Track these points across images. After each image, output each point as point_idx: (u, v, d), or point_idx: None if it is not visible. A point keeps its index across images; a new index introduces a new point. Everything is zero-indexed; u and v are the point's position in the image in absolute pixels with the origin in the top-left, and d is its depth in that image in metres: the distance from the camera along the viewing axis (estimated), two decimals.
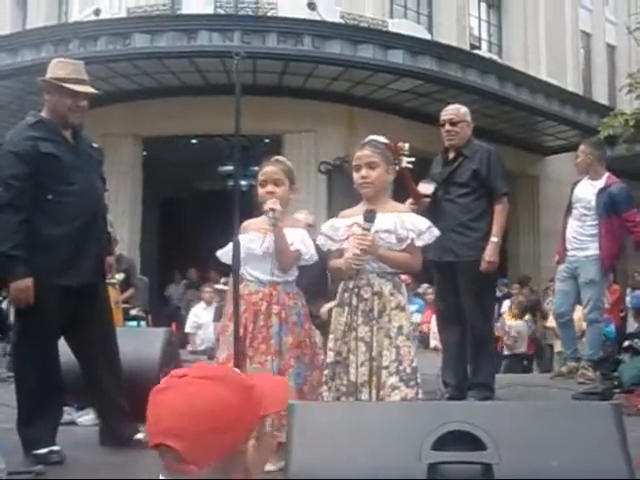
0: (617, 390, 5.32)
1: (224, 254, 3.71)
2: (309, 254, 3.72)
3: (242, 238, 3.67)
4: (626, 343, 6.24)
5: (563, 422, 1.77)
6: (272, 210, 3.59)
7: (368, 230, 3.32)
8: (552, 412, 1.86)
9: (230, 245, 3.61)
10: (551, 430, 1.73)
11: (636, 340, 6.01)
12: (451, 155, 5.28)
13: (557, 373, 6.86)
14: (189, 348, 10.99)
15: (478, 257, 5.02)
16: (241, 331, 3.63)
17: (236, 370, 1.37)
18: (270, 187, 3.73)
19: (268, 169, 3.80)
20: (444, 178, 5.20)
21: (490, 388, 5.16)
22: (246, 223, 3.79)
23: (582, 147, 6.60)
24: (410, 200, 4.89)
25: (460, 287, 5.12)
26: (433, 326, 9.24)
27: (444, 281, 5.28)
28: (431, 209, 5.08)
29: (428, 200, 5.08)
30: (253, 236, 3.71)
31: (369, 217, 3.34)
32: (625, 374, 5.46)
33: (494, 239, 5.04)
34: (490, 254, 5.01)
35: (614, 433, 1.71)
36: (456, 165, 5.20)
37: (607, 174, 6.41)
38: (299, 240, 3.70)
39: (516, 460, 1.67)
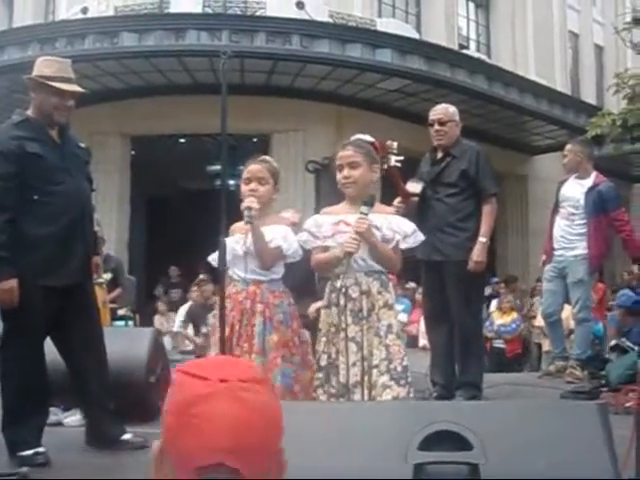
0: (604, 389, 5.34)
1: (214, 259, 3.74)
2: (291, 250, 3.70)
3: (229, 240, 3.71)
4: (613, 342, 6.27)
5: (549, 422, 1.77)
6: (248, 209, 3.59)
7: (366, 214, 3.33)
8: (538, 412, 1.86)
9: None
10: (537, 430, 1.73)
11: (623, 339, 6.03)
12: (439, 155, 5.27)
13: (545, 372, 6.88)
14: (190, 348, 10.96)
15: (466, 257, 5.02)
16: (227, 331, 3.64)
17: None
18: (253, 185, 3.74)
19: (253, 167, 3.81)
20: (432, 178, 5.19)
21: (478, 387, 5.17)
22: (233, 226, 3.81)
23: (570, 146, 6.60)
24: (398, 199, 4.90)
25: (448, 286, 5.12)
26: (422, 325, 9.23)
27: (431, 280, 5.28)
28: (419, 208, 5.10)
29: (416, 199, 5.09)
30: (237, 237, 3.74)
31: (368, 202, 3.35)
32: (612, 373, 5.48)
33: (482, 239, 5.04)
34: (478, 254, 5.01)
35: (600, 433, 1.71)
36: (444, 165, 5.19)
37: (595, 173, 6.42)
38: (280, 236, 3.69)
39: (502, 460, 1.67)
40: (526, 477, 1.65)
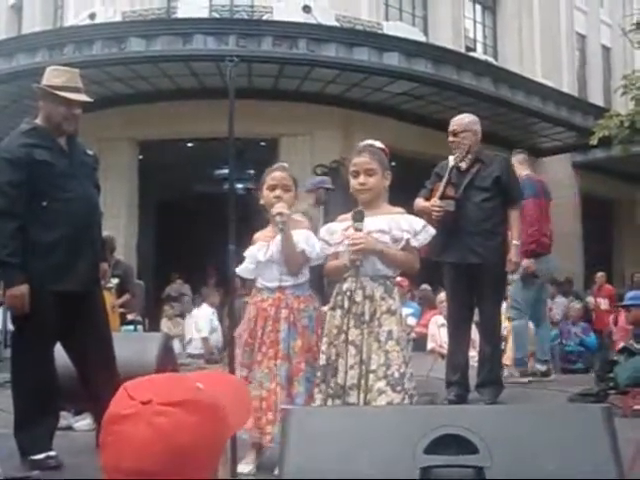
0: (612, 391, 5.34)
1: (242, 270, 3.79)
2: (314, 253, 3.70)
3: (251, 249, 3.77)
4: (621, 344, 6.27)
5: (553, 425, 1.78)
6: (280, 214, 3.60)
7: (360, 230, 3.34)
8: (542, 415, 1.87)
9: (246, 261, 3.69)
10: (541, 433, 1.74)
11: (631, 342, 6.02)
12: (466, 161, 5.36)
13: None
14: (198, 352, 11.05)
15: (500, 260, 5.31)
16: (245, 336, 3.67)
17: (199, 385, 1.15)
18: (278, 192, 3.76)
19: (278, 174, 3.82)
20: (466, 183, 5.30)
21: (502, 384, 5.48)
22: (256, 235, 3.85)
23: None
24: (435, 199, 5.16)
25: (481, 287, 5.31)
26: (431, 328, 9.23)
27: (460, 282, 5.40)
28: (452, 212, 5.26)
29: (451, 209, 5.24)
30: (260, 245, 3.76)
31: (358, 217, 3.36)
32: (621, 375, 5.48)
33: (516, 242, 5.39)
34: (516, 255, 5.38)
35: (604, 436, 1.72)
36: (475, 171, 5.32)
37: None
38: (302, 240, 3.71)
39: (508, 463, 1.69)
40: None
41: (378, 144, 3.64)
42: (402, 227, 3.43)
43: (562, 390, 5.78)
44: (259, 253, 3.74)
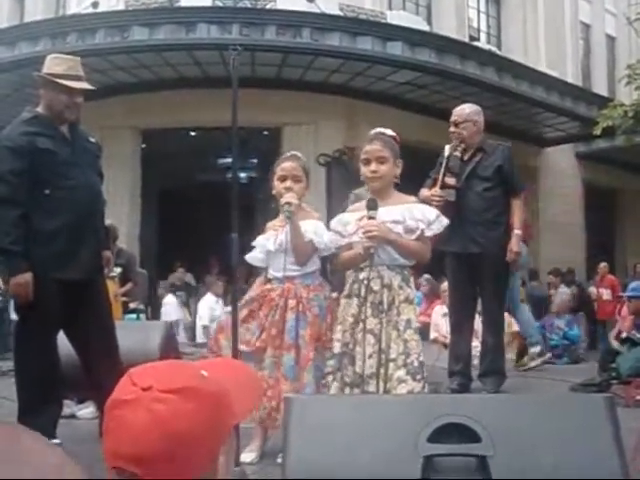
0: (615, 381, 5.35)
1: (251, 257, 3.80)
2: (323, 243, 3.70)
3: (260, 239, 3.77)
4: (624, 335, 6.28)
5: (556, 415, 1.79)
6: (288, 204, 3.60)
7: (374, 218, 3.34)
8: (545, 405, 1.87)
9: (256, 249, 3.69)
10: (544, 423, 1.75)
11: (633, 332, 6.02)
12: (468, 151, 5.35)
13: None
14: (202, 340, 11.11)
15: (501, 250, 5.28)
16: (245, 313, 3.68)
17: (204, 373, 1.15)
18: (289, 183, 3.76)
19: (288, 165, 3.82)
20: (468, 172, 5.30)
21: (505, 374, 5.47)
22: (269, 224, 3.87)
23: None
24: (436, 188, 5.16)
25: (482, 277, 5.32)
26: (434, 318, 9.25)
27: (462, 272, 5.41)
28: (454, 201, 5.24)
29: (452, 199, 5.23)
30: (268, 235, 3.77)
31: (372, 205, 3.37)
32: (623, 365, 5.49)
33: (517, 232, 5.33)
34: (516, 245, 5.29)
35: (606, 425, 1.72)
36: (478, 159, 5.33)
37: None
38: (311, 231, 3.71)
39: (510, 452, 1.69)
40: (533, 469, 1.67)
41: (389, 132, 3.65)
42: (416, 217, 3.44)
43: (564, 380, 5.79)
44: (268, 242, 3.74)
